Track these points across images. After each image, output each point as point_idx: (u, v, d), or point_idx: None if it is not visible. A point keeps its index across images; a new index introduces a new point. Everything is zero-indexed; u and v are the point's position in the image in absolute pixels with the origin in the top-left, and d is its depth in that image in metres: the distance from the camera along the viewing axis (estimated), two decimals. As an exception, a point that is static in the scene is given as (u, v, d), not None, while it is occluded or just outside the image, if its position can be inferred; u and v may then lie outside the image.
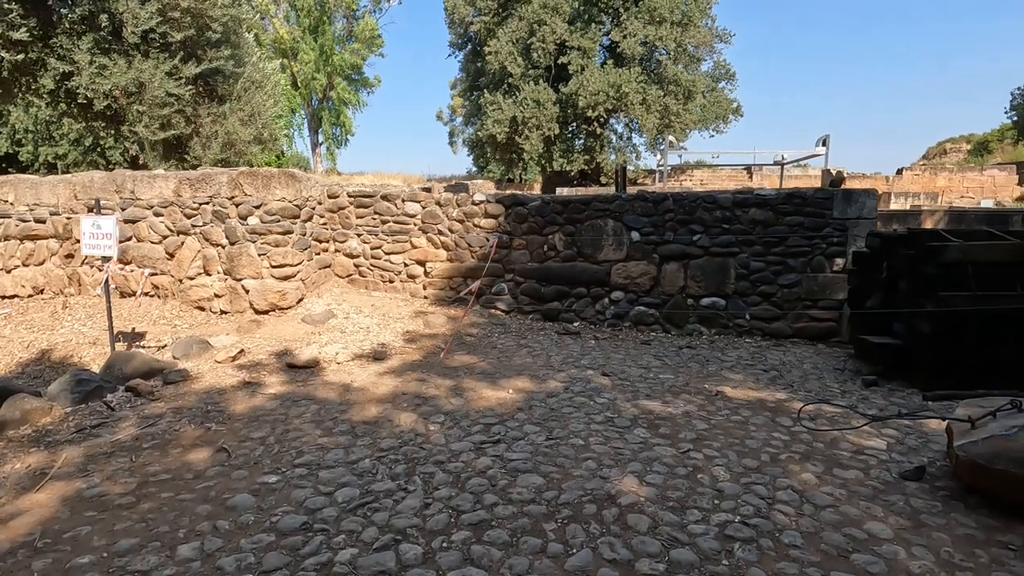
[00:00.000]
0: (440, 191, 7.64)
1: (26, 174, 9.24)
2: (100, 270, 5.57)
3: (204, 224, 6.76)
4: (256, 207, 6.57)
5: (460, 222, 7.31)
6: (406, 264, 7.56)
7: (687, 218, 6.61)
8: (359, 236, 7.65)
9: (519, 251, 7.17)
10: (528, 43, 23.19)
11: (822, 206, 6.30)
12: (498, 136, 23.72)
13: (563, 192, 16.37)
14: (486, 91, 25.11)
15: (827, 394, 4.54)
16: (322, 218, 7.55)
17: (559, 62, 23.15)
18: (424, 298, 7.51)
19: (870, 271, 5.46)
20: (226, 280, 6.71)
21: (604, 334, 6.55)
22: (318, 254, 7.40)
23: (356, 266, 7.76)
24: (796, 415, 3.92)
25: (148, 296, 7.06)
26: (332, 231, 7.69)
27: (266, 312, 6.60)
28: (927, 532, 2.55)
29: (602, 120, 23.78)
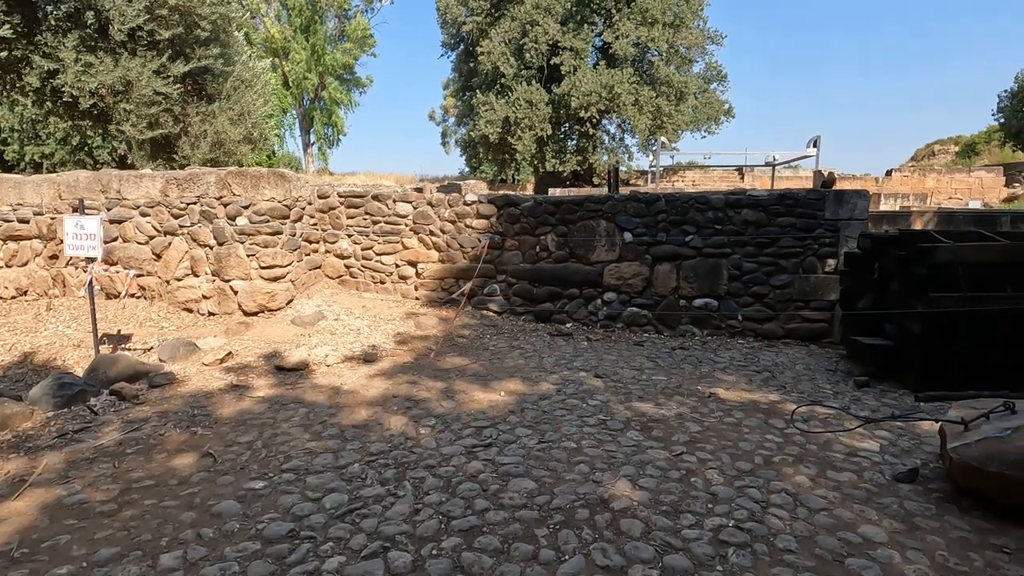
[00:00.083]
0: (432, 191, 7.59)
1: (11, 174, 9.07)
2: (84, 271, 5.47)
3: (192, 224, 6.66)
4: (245, 207, 6.48)
5: (452, 223, 7.26)
6: (397, 265, 7.50)
7: (680, 219, 6.60)
8: (350, 237, 7.58)
9: (511, 252, 7.13)
10: (521, 43, 23.17)
11: (814, 207, 6.31)
12: (491, 136, 23.67)
13: (556, 193, 16.38)
14: (479, 91, 25.05)
15: (820, 395, 4.53)
16: (312, 218, 7.47)
17: (551, 63, 23.14)
18: (416, 299, 7.45)
19: (862, 272, 5.46)
20: (214, 281, 6.62)
21: (597, 335, 6.53)
22: (308, 255, 7.32)
23: (347, 267, 7.68)
24: (789, 417, 3.90)
25: (134, 298, 6.95)
26: (322, 232, 7.61)
27: (255, 314, 6.51)
28: (921, 535, 2.53)
29: (594, 121, 23.79)
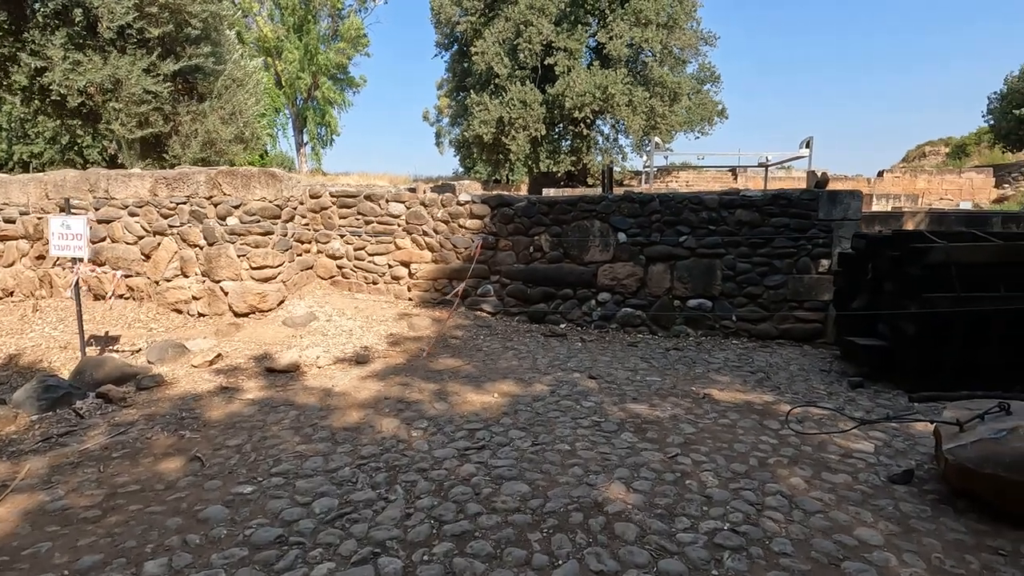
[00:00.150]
0: (425, 191, 7.54)
1: (-3, 173, 8.95)
2: (71, 272, 5.38)
3: (181, 224, 6.58)
4: (235, 207, 6.41)
5: (445, 223, 7.21)
6: (390, 265, 7.44)
7: (674, 219, 6.59)
8: (342, 237, 7.52)
9: (505, 252, 7.09)
10: (514, 44, 23.12)
11: (807, 207, 6.31)
12: (485, 137, 23.60)
13: (550, 193, 16.33)
14: (472, 91, 24.96)
15: (814, 396, 4.52)
16: (304, 219, 7.40)
17: (545, 63, 23.10)
18: (409, 300, 7.39)
19: (855, 272, 5.46)
20: (204, 282, 6.54)
21: (591, 336, 6.50)
22: (300, 255, 7.24)
23: (339, 267, 7.62)
24: (784, 418, 3.89)
25: (123, 298, 6.86)
26: (314, 232, 7.54)
27: (246, 315, 6.44)
28: (917, 538, 2.52)
29: (588, 121, 23.78)
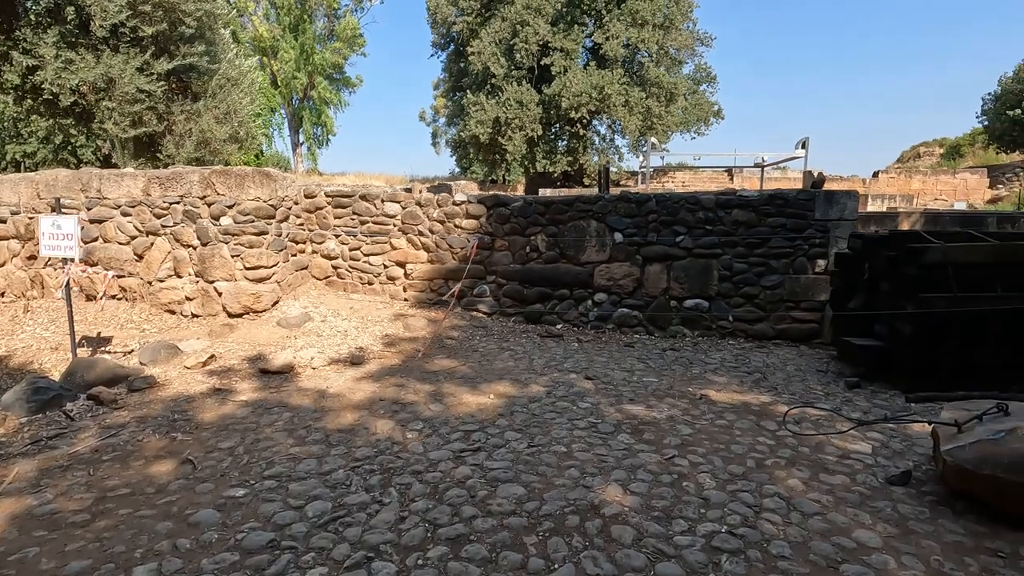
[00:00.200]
0: (421, 191, 7.50)
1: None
2: (63, 272, 5.32)
3: (175, 224, 6.52)
4: (229, 207, 6.36)
5: (441, 223, 7.18)
6: (386, 266, 7.40)
7: (670, 219, 6.57)
8: (337, 237, 7.47)
9: (501, 252, 7.06)
10: (511, 44, 23.10)
11: (804, 207, 6.30)
12: (481, 137, 23.57)
13: (546, 193, 16.32)
14: (469, 92, 24.93)
15: (811, 397, 4.50)
16: (299, 218, 7.35)
17: (542, 63, 23.09)
18: (404, 300, 7.35)
19: (852, 272, 5.46)
20: (198, 282, 6.48)
21: (587, 336, 6.47)
22: (294, 255, 7.19)
23: (334, 268, 7.57)
24: (781, 419, 3.87)
25: (115, 299, 6.79)
26: (309, 232, 7.49)
27: (240, 315, 6.39)
28: (916, 540, 2.50)
29: (585, 121, 23.79)
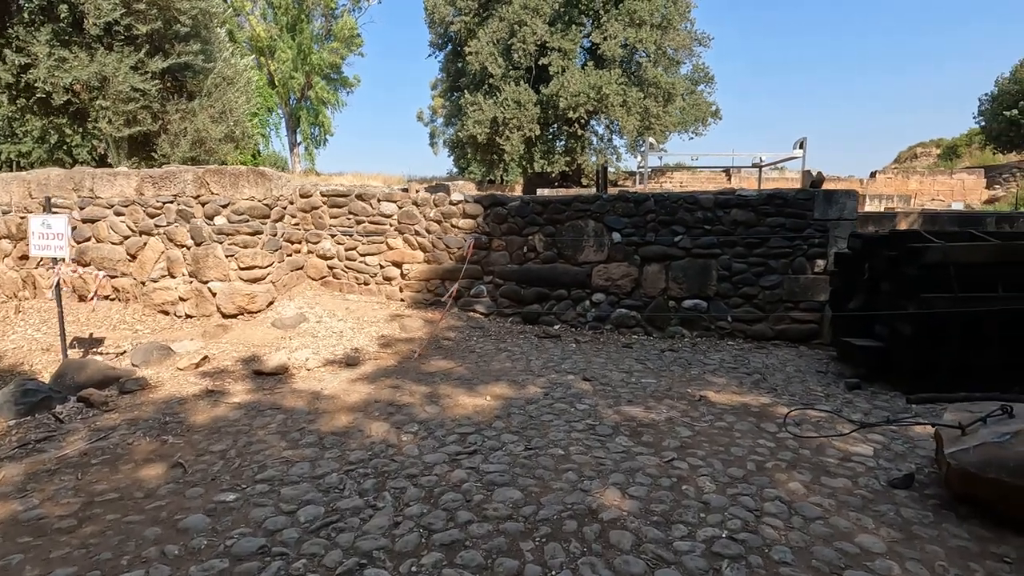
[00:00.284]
0: (418, 191, 7.44)
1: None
2: (54, 272, 5.25)
3: (168, 224, 6.45)
4: (223, 206, 6.29)
5: (438, 222, 7.12)
6: (382, 266, 7.34)
7: (669, 219, 6.52)
8: (333, 237, 7.40)
9: (498, 252, 7.01)
10: (509, 44, 23.05)
11: (803, 207, 6.26)
12: (479, 137, 23.51)
13: (544, 193, 16.27)
14: (467, 92, 24.87)
15: (811, 398, 4.46)
16: (294, 218, 7.28)
17: (540, 63, 23.05)
18: (400, 301, 7.29)
19: (852, 272, 5.41)
20: (191, 283, 6.42)
21: (585, 337, 6.42)
22: (290, 255, 7.13)
23: (330, 268, 7.50)
24: (782, 421, 3.82)
25: (108, 300, 6.72)
26: (305, 231, 7.43)
27: (234, 316, 6.32)
28: (920, 545, 2.45)
29: (583, 121, 23.74)
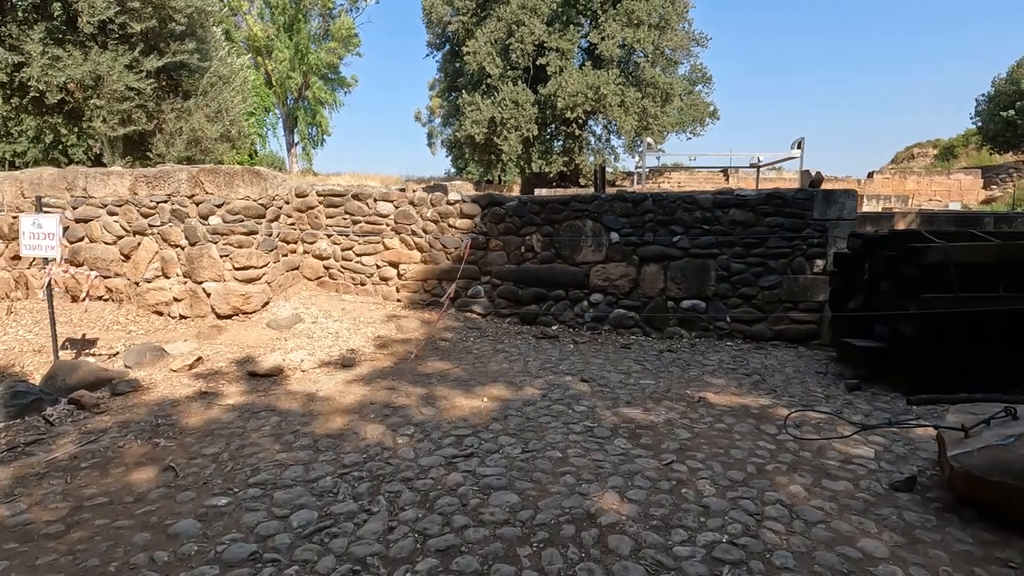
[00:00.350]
0: (415, 191, 7.38)
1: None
2: (45, 272, 5.18)
3: (162, 224, 6.39)
4: (218, 206, 6.23)
5: (435, 222, 7.07)
6: (378, 266, 7.28)
7: (667, 219, 6.48)
8: (329, 237, 7.35)
9: (496, 252, 6.96)
10: (506, 43, 22.99)
11: (802, 207, 6.23)
12: (476, 137, 23.44)
13: (542, 193, 16.21)
14: (464, 92, 24.81)
15: (811, 399, 4.42)
16: (290, 218, 7.22)
17: (538, 63, 22.99)
18: (397, 301, 7.24)
19: (851, 273, 5.38)
20: (186, 283, 6.35)
21: (583, 338, 6.38)
22: (285, 255, 7.07)
23: (326, 268, 7.45)
24: (782, 422, 3.78)
25: (102, 300, 6.65)
26: (301, 231, 7.37)
27: (229, 317, 6.26)
28: (923, 549, 2.41)
29: (581, 122, 23.70)
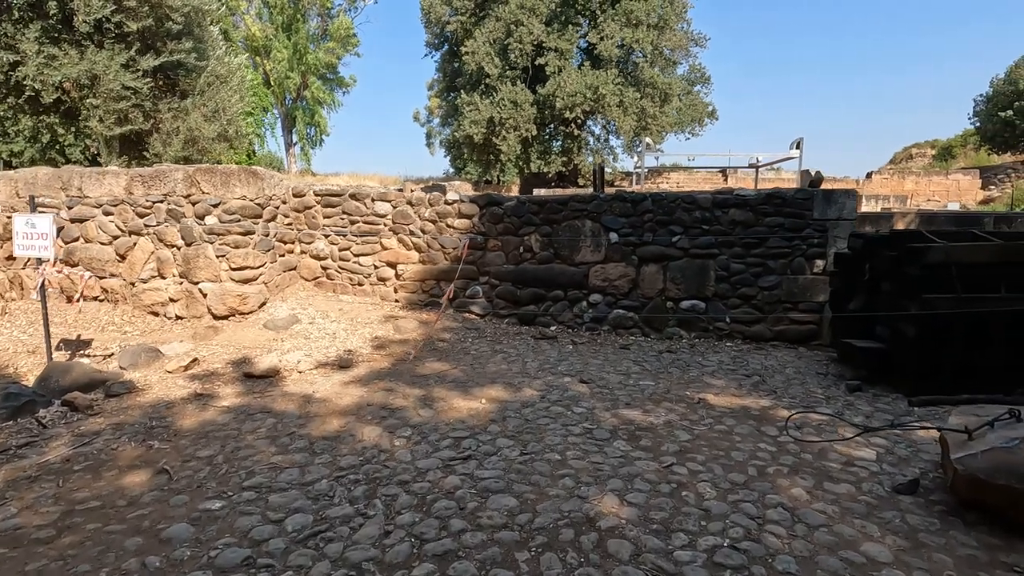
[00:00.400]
0: (412, 190, 7.34)
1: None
2: (39, 272, 5.13)
3: (158, 224, 6.34)
4: (214, 206, 6.18)
5: (433, 222, 7.03)
6: (376, 266, 7.24)
7: (666, 219, 6.45)
8: (326, 237, 7.30)
9: (494, 252, 6.92)
10: (505, 43, 22.96)
11: (802, 207, 6.20)
12: (475, 137, 23.40)
13: (540, 193, 16.16)
14: (463, 92, 24.77)
15: (811, 400, 4.38)
16: (287, 218, 7.18)
17: (536, 63, 22.97)
18: (395, 302, 7.20)
19: (852, 273, 5.35)
20: (182, 283, 6.31)
21: (582, 338, 6.34)
22: (282, 256, 7.03)
23: (323, 268, 7.40)
24: (783, 424, 3.75)
25: (98, 301, 6.60)
26: (298, 231, 7.33)
27: (225, 317, 6.21)
28: (927, 553, 2.38)
29: (579, 122, 23.67)
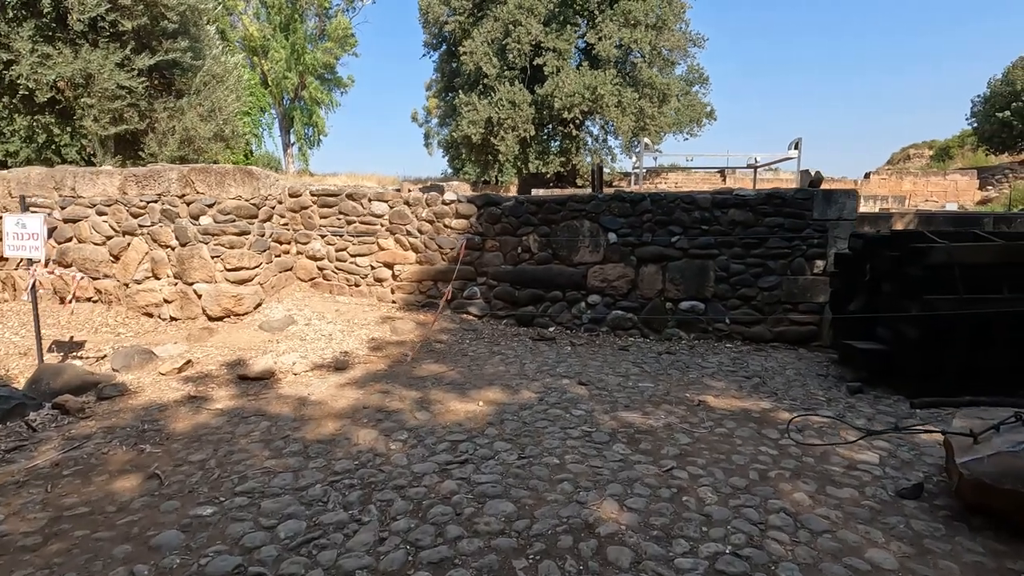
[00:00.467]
0: (410, 190, 7.29)
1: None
2: (30, 273, 5.06)
3: (152, 224, 6.27)
4: (209, 206, 6.12)
5: (430, 223, 6.97)
6: (373, 267, 7.18)
7: (665, 219, 6.41)
8: (323, 237, 7.24)
9: (492, 253, 6.87)
10: (503, 44, 22.92)
11: (802, 207, 6.16)
12: (473, 137, 23.35)
13: (539, 193, 16.10)
14: (461, 92, 24.72)
15: (812, 403, 4.34)
16: (283, 218, 7.12)
17: (535, 63, 22.92)
18: (392, 303, 7.14)
19: (852, 273, 5.31)
20: (176, 284, 6.24)
21: (581, 340, 6.29)
22: (278, 256, 6.96)
23: (320, 269, 7.34)
24: (785, 427, 3.70)
25: (91, 302, 6.53)
26: (294, 232, 7.26)
27: (220, 318, 6.15)
28: (933, 560, 2.33)
29: (578, 122, 23.62)
